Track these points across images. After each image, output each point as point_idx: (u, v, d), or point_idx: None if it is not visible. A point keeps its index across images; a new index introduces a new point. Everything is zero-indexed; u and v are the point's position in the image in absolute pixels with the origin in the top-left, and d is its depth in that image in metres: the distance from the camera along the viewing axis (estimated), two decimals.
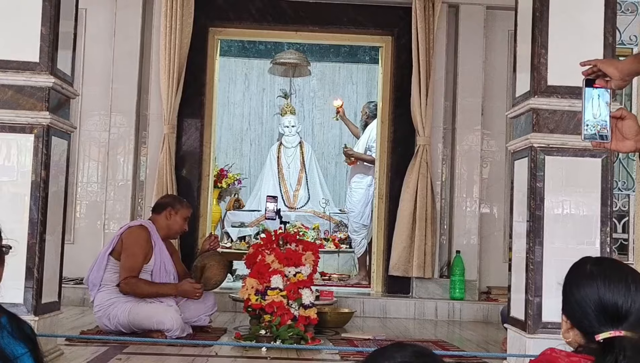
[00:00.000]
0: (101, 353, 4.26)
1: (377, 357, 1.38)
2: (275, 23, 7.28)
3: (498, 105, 7.15)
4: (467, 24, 7.18)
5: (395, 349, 1.38)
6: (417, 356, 1.37)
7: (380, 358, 1.38)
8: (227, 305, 6.25)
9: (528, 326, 3.92)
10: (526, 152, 4.09)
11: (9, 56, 3.89)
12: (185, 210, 5.28)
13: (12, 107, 3.88)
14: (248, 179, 10.62)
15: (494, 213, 7.23)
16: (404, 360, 1.36)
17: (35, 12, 3.90)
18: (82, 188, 7.07)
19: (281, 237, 5.29)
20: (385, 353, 1.38)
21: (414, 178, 6.86)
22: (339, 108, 8.66)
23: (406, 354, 1.36)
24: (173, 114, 6.83)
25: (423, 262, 6.77)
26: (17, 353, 1.83)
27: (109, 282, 4.94)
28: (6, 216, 2.06)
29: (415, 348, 1.38)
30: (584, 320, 1.77)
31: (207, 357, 4.33)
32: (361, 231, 7.82)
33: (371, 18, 7.25)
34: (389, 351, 1.38)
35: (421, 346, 1.40)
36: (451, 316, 6.69)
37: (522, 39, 4.28)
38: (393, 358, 1.36)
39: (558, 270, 3.90)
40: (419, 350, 1.38)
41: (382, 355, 1.38)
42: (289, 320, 4.78)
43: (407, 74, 7.02)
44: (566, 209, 4.07)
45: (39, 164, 3.87)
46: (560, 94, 3.99)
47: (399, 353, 1.37)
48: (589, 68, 2.16)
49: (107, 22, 7.06)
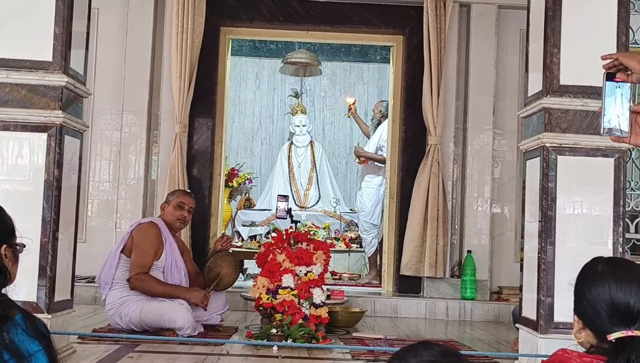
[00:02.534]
0: (113, 352, 4.28)
1: (405, 355, 1.40)
2: (286, 22, 7.28)
3: (509, 105, 7.13)
4: (478, 23, 7.17)
5: (423, 347, 1.40)
6: (444, 355, 1.39)
7: (408, 355, 1.40)
8: (238, 304, 6.26)
9: (540, 326, 3.91)
10: (538, 152, 4.08)
11: (23, 55, 3.92)
12: (176, 198, 5.27)
13: (26, 106, 3.90)
14: (259, 179, 10.63)
15: (505, 212, 7.21)
16: (432, 358, 1.38)
17: (48, 11, 3.92)
18: (93, 186, 7.10)
19: (292, 236, 5.30)
20: (412, 351, 1.40)
21: (425, 177, 6.85)
22: (351, 105, 8.65)
23: (434, 353, 1.39)
24: (184, 113, 6.85)
25: (434, 262, 6.77)
26: (32, 350, 1.84)
27: (121, 280, 4.96)
28: (19, 215, 2.07)
29: (442, 348, 1.41)
30: (596, 320, 1.76)
31: (218, 355, 4.34)
32: (372, 230, 7.81)
33: (382, 17, 7.25)
34: (417, 349, 1.40)
35: (448, 346, 1.43)
36: (462, 316, 6.68)
37: (534, 38, 4.27)
38: (421, 356, 1.38)
39: (570, 270, 3.85)
40: (446, 350, 1.40)
41: (409, 353, 1.40)
42: (300, 319, 4.79)
43: (419, 74, 7.02)
44: (578, 209, 4.06)
45: (51, 162, 3.89)
46: (573, 93, 3.98)
47: (427, 351, 1.39)
48: (610, 62, 2.14)
49: (119, 22, 7.08)
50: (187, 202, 5.28)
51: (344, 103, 9.81)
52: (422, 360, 1.38)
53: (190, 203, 5.30)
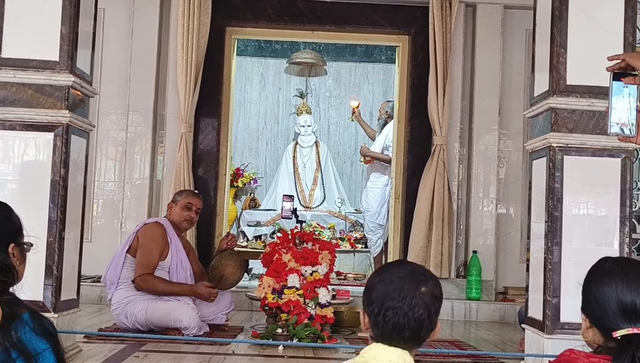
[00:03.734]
0: (119, 351, 4.28)
1: (381, 269, 1.85)
2: (291, 23, 7.28)
3: (515, 105, 7.13)
4: (484, 24, 7.16)
5: (396, 266, 1.85)
6: (411, 272, 1.78)
7: (383, 270, 1.84)
8: (243, 304, 6.26)
9: (546, 326, 3.91)
10: (544, 152, 4.07)
11: (30, 55, 3.93)
12: (184, 199, 5.26)
13: (32, 105, 3.91)
14: (264, 179, 10.64)
15: (511, 213, 7.21)
16: (400, 274, 1.77)
17: (55, 11, 3.93)
18: (99, 186, 7.11)
19: (298, 236, 5.30)
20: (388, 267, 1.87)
21: (431, 177, 6.85)
22: (355, 109, 8.63)
23: (404, 270, 1.79)
24: (190, 113, 6.86)
25: (440, 262, 6.76)
26: (39, 349, 1.84)
27: (127, 280, 4.97)
28: (25, 214, 2.07)
29: (412, 267, 1.82)
30: (602, 318, 1.77)
31: (224, 355, 4.34)
32: (377, 230, 7.81)
33: (388, 17, 7.24)
34: (391, 267, 1.86)
35: (418, 266, 1.84)
36: (468, 317, 6.67)
37: (540, 38, 4.26)
38: (391, 273, 1.79)
39: (576, 271, 3.88)
40: (414, 268, 1.81)
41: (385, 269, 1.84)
42: (306, 319, 4.79)
43: (424, 74, 7.01)
44: (585, 209, 4.06)
45: (58, 162, 3.90)
46: (580, 93, 3.98)
47: (398, 269, 1.81)
48: (616, 63, 2.14)
49: (125, 22, 7.09)
50: (195, 203, 5.28)
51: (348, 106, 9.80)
52: (393, 276, 1.77)
53: (198, 204, 5.30)
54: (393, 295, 1.73)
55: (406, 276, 1.76)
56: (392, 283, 1.74)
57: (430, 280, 1.77)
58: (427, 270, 1.81)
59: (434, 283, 1.77)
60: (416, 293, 1.73)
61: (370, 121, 9.97)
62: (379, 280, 1.78)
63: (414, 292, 1.73)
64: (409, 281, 1.75)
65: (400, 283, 1.74)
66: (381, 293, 1.75)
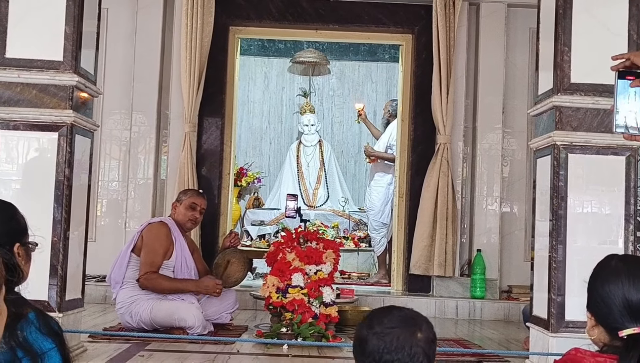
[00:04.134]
0: (124, 350, 4.29)
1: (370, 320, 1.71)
2: (295, 22, 7.29)
3: (519, 103, 7.12)
4: (488, 22, 7.16)
5: (385, 314, 1.70)
6: (403, 320, 1.67)
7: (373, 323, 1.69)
8: (247, 303, 6.27)
9: (551, 325, 3.90)
10: (549, 150, 4.07)
11: (34, 55, 3.93)
12: (189, 199, 5.25)
13: (37, 105, 3.92)
14: (267, 178, 10.64)
15: (515, 211, 7.20)
16: (392, 324, 1.66)
17: (59, 11, 3.93)
18: (103, 186, 7.12)
19: (302, 235, 5.30)
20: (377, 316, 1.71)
21: (435, 176, 6.85)
22: (360, 111, 8.60)
23: (393, 319, 1.68)
24: (194, 113, 6.86)
25: (444, 261, 6.76)
26: (45, 348, 1.85)
27: (131, 279, 4.97)
28: (30, 214, 2.08)
29: (401, 313, 1.70)
30: (608, 316, 1.77)
31: (228, 354, 4.34)
32: (381, 229, 7.80)
33: (391, 16, 7.24)
34: (381, 317, 1.70)
35: (408, 310, 1.72)
36: (472, 315, 6.67)
37: (544, 36, 4.25)
38: (383, 324, 1.66)
39: (581, 269, 3.88)
40: (405, 314, 1.69)
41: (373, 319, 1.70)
42: (310, 318, 4.79)
43: (428, 73, 7.01)
44: (589, 207, 4.05)
45: (62, 162, 3.90)
46: (584, 91, 3.97)
47: (388, 318, 1.68)
48: (620, 62, 2.14)
49: (128, 22, 7.10)
50: (199, 203, 5.27)
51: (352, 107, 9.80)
52: (385, 327, 1.66)
53: (202, 204, 5.30)
54: (390, 348, 1.64)
55: (399, 325, 1.66)
56: (386, 335, 1.65)
57: (424, 324, 1.69)
58: (416, 313, 1.72)
59: (427, 326, 1.69)
60: (413, 341, 1.65)
61: (374, 120, 9.97)
62: (372, 333, 1.67)
63: (411, 341, 1.65)
64: (403, 330, 1.66)
65: (395, 334, 1.65)
66: (376, 346, 1.65)
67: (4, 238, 1.91)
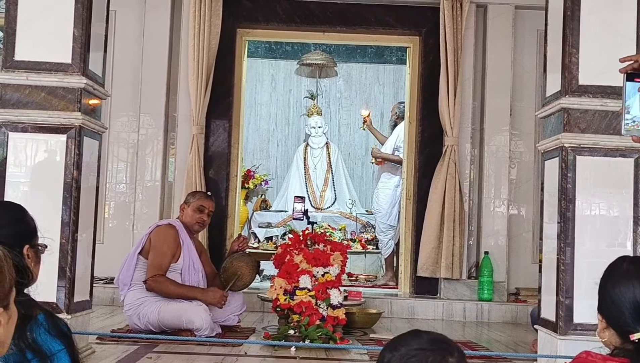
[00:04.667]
0: (132, 352, 4.30)
1: (396, 345, 1.46)
2: (302, 24, 7.29)
3: (527, 105, 7.11)
4: (495, 24, 7.14)
5: (412, 337, 1.46)
6: (433, 343, 1.44)
7: (398, 345, 1.45)
8: (255, 305, 6.27)
9: (559, 327, 3.90)
10: (557, 152, 4.06)
11: (42, 57, 3.95)
12: (197, 201, 5.25)
13: (45, 108, 3.93)
14: (275, 180, 10.65)
15: (522, 213, 7.19)
16: (421, 346, 1.43)
17: (67, 14, 3.95)
18: (110, 188, 7.13)
19: (309, 237, 5.30)
20: (402, 340, 1.46)
21: (442, 178, 6.84)
22: (365, 118, 8.53)
23: (422, 341, 1.45)
24: (201, 115, 6.87)
25: (451, 263, 6.75)
26: (54, 349, 1.85)
27: (139, 281, 4.98)
28: (39, 216, 2.08)
29: (430, 336, 1.47)
30: (619, 319, 1.76)
31: (236, 356, 4.35)
32: (388, 231, 7.80)
33: (399, 18, 7.24)
34: (406, 338, 1.47)
35: (437, 333, 1.48)
36: (479, 318, 6.65)
37: (552, 38, 4.25)
38: (410, 345, 1.44)
39: (589, 272, 3.87)
40: (435, 337, 1.46)
41: (399, 343, 1.46)
42: (318, 320, 4.79)
43: (435, 75, 7.00)
44: (597, 210, 4.04)
45: (71, 164, 3.92)
46: (592, 93, 3.96)
47: (415, 340, 1.45)
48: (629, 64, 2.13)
49: (136, 24, 7.11)
50: (207, 206, 5.27)
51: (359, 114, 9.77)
52: (411, 348, 1.43)
53: (210, 207, 5.30)
54: None
55: (428, 348, 1.45)
56: (413, 357, 1.44)
57: (456, 350, 1.47)
58: (446, 337, 1.50)
59: (459, 354, 1.47)
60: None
61: (381, 123, 9.96)
62: (398, 355, 1.46)
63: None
64: (433, 353, 1.45)
65: (424, 356, 1.44)
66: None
67: (14, 240, 1.92)
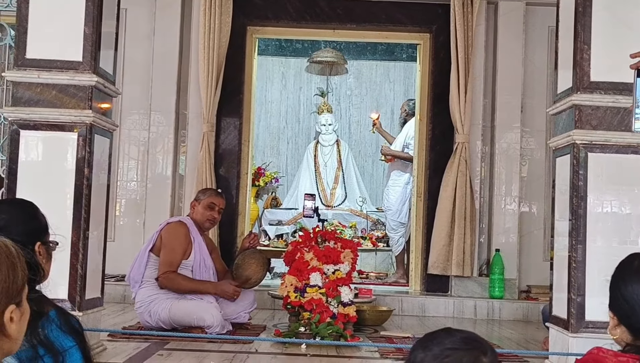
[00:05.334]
0: (143, 349, 4.31)
1: (428, 343, 1.42)
2: (312, 21, 7.29)
3: (538, 102, 7.08)
4: (506, 21, 7.12)
5: (445, 334, 1.43)
6: (466, 342, 1.41)
7: (430, 344, 1.41)
8: (265, 303, 6.27)
9: (571, 325, 3.88)
10: (568, 149, 4.05)
11: (53, 55, 3.96)
12: (207, 199, 5.25)
13: (56, 105, 3.95)
14: (285, 178, 10.66)
15: (534, 211, 7.16)
16: (454, 345, 1.39)
17: (78, 12, 3.96)
18: (121, 186, 7.15)
19: (320, 235, 5.30)
20: (435, 338, 1.43)
21: (453, 175, 6.82)
22: (375, 120, 8.49)
23: (455, 339, 1.41)
24: (212, 113, 6.88)
25: (462, 260, 6.74)
26: (66, 346, 1.86)
27: (151, 279, 4.99)
28: (50, 214, 2.09)
29: (464, 334, 1.43)
30: (631, 317, 1.75)
31: (247, 353, 4.35)
32: (399, 229, 7.79)
33: (409, 15, 7.23)
34: (439, 336, 1.43)
35: (469, 332, 1.44)
36: (490, 315, 6.64)
37: (564, 35, 4.23)
38: (443, 344, 1.40)
39: (601, 269, 3.85)
40: (468, 336, 1.43)
41: (432, 341, 1.42)
42: (328, 318, 4.79)
43: (446, 72, 6.98)
44: (609, 207, 4.02)
45: (82, 161, 3.93)
46: (604, 90, 3.94)
47: (449, 338, 1.41)
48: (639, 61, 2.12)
49: (146, 22, 7.13)
50: (218, 203, 5.28)
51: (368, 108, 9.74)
52: (445, 347, 1.39)
53: (220, 204, 5.30)
54: None
55: (462, 347, 1.41)
56: (447, 357, 1.40)
57: (489, 349, 1.44)
58: (479, 336, 1.47)
59: (492, 353, 1.44)
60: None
61: (391, 120, 9.94)
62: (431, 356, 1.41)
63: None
64: (467, 352, 1.41)
65: (457, 356, 1.40)
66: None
67: (26, 237, 1.93)
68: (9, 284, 1.35)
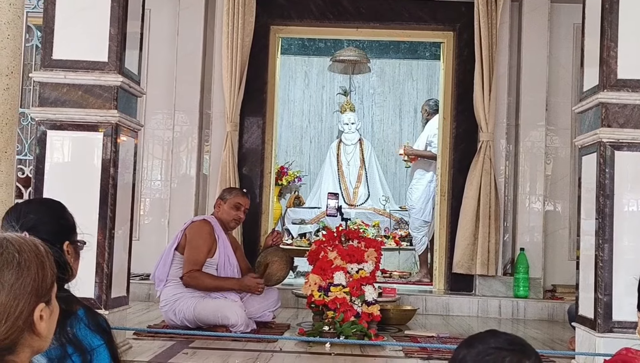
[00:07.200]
0: (168, 348, 4.33)
1: (473, 342, 1.45)
2: (335, 21, 7.29)
3: (563, 100, 7.03)
4: (530, 18, 7.07)
5: (490, 335, 1.45)
6: (510, 343, 1.42)
7: (475, 342, 1.44)
8: (289, 301, 6.29)
9: (598, 325, 3.85)
10: (594, 147, 4.01)
11: (79, 56, 4.00)
12: (233, 198, 5.27)
13: (82, 106, 3.98)
14: (308, 177, 10.65)
15: (559, 210, 7.11)
16: (498, 345, 1.41)
17: (104, 13, 3.99)
18: (146, 185, 7.20)
19: (343, 234, 5.29)
20: (480, 338, 1.45)
21: (477, 174, 6.79)
22: (403, 154, 8.23)
23: (500, 340, 1.43)
24: (235, 112, 6.90)
25: (486, 260, 6.70)
26: (94, 344, 1.88)
27: (175, 277, 5.02)
28: (77, 213, 2.11)
29: (509, 337, 1.45)
30: None
31: (271, 352, 4.36)
32: (422, 228, 7.76)
33: (432, 13, 7.20)
34: (484, 337, 1.45)
35: (514, 335, 1.46)
36: (515, 315, 6.60)
37: (590, 32, 4.19)
38: (487, 343, 1.43)
39: (628, 269, 3.81)
40: (513, 338, 1.45)
41: (476, 340, 1.45)
42: (352, 317, 4.79)
43: (470, 70, 6.95)
44: (636, 206, 3.99)
45: (107, 161, 3.96)
46: (631, 87, 3.90)
47: (493, 339, 1.43)
48: None
49: (170, 22, 7.17)
50: (244, 203, 5.30)
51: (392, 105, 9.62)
52: (489, 346, 1.41)
53: (246, 204, 5.33)
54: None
55: (506, 348, 1.42)
56: (489, 355, 1.41)
57: (533, 354, 1.44)
58: (524, 340, 1.47)
59: (536, 357, 1.44)
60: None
61: (414, 118, 9.90)
62: (474, 353, 1.42)
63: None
64: (510, 353, 1.41)
65: (501, 356, 1.41)
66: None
67: (54, 236, 1.95)
68: (39, 283, 1.36)
